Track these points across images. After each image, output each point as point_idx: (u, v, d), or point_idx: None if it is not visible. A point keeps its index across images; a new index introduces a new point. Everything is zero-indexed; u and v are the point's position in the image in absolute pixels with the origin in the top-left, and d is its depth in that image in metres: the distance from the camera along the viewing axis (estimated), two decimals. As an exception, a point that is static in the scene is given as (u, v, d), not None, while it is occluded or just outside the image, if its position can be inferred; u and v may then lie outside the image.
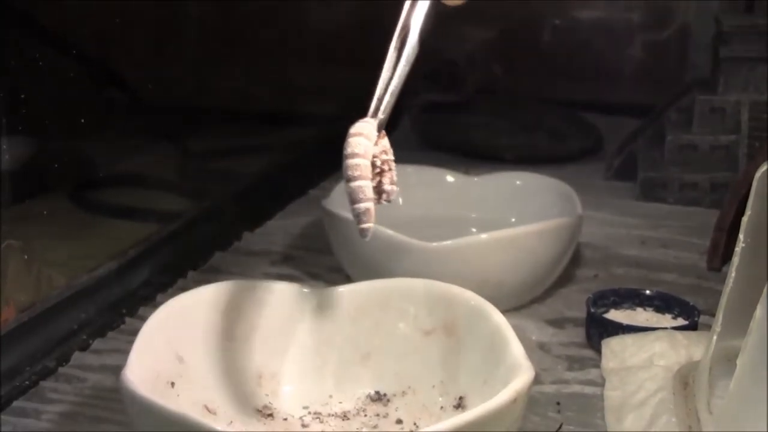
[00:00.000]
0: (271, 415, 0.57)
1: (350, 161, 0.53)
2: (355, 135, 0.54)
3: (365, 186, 0.53)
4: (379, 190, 0.54)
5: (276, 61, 1.24)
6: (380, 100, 0.56)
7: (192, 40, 1.20)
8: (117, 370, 0.51)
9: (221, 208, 0.96)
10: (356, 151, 0.53)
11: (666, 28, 1.33)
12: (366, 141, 0.53)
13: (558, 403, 0.63)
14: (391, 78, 0.57)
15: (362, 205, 0.52)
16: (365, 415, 0.58)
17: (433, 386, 0.58)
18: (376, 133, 0.54)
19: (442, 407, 0.56)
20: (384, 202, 0.54)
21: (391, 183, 0.54)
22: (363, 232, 0.53)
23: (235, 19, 1.22)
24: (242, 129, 1.19)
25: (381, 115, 0.55)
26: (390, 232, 0.72)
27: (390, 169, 0.54)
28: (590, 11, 1.34)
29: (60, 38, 0.95)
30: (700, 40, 1.21)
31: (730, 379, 0.50)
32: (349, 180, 0.53)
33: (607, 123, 1.23)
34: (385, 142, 0.55)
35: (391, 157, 0.55)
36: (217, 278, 0.79)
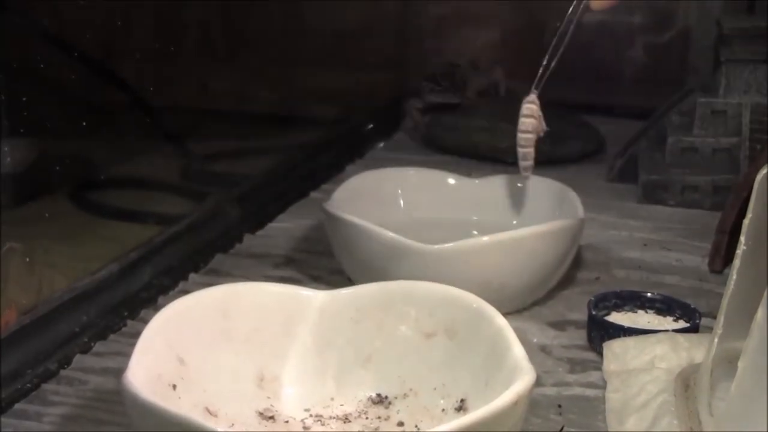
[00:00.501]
0: (272, 417, 0.57)
1: (522, 135, 0.80)
2: (527, 116, 0.80)
3: (530, 152, 0.80)
4: (537, 136, 0.80)
5: (278, 64, 1.24)
6: (540, 78, 0.79)
7: (194, 42, 1.20)
8: (118, 372, 0.51)
9: (223, 211, 0.96)
10: (528, 128, 0.80)
11: (667, 31, 1.33)
12: (534, 121, 0.80)
13: (559, 406, 0.63)
14: (549, 61, 0.80)
15: (526, 163, 0.81)
16: (366, 418, 0.58)
17: (435, 389, 0.58)
18: (534, 106, 0.80)
19: (443, 409, 0.56)
20: (541, 134, 0.80)
21: (543, 125, 0.81)
22: (525, 178, 0.83)
23: (238, 21, 1.22)
24: (244, 131, 1.19)
25: (538, 89, 0.80)
26: (391, 234, 0.72)
27: (541, 118, 0.80)
28: (592, 14, 1.34)
29: (61, 40, 0.95)
30: (702, 42, 1.21)
31: (732, 381, 0.51)
32: (521, 147, 0.80)
33: (608, 125, 1.23)
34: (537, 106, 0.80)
35: (541, 113, 0.80)
36: (219, 280, 0.79)
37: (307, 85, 1.27)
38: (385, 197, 0.87)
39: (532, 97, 0.80)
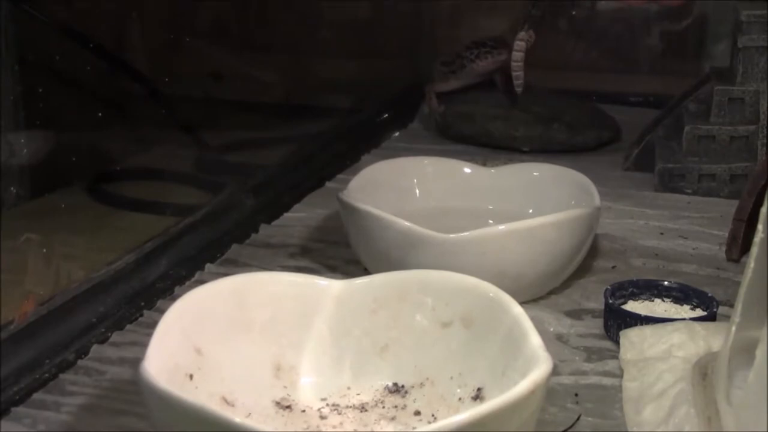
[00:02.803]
0: (289, 407, 0.57)
1: (515, 64, 1.10)
2: (518, 51, 1.09)
3: (521, 74, 1.10)
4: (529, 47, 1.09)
5: (293, 54, 1.24)
6: (528, 22, 1.09)
7: (209, 32, 1.20)
8: (135, 362, 0.51)
9: (238, 201, 0.96)
10: (518, 59, 1.09)
11: (684, 18, 1.32)
12: (521, 54, 1.09)
13: (576, 395, 0.63)
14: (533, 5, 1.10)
15: (519, 81, 1.10)
16: (383, 407, 0.58)
17: (451, 378, 0.58)
18: (524, 42, 1.09)
19: (460, 399, 0.56)
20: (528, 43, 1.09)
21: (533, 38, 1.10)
22: (519, 92, 1.12)
23: (252, 11, 1.22)
24: (259, 121, 1.19)
25: (527, 26, 1.09)
26: (407, 223, 0.72)
27: (532, 38, 1.10)
28: (608, 1, 1.34)
29: (76, 31, 0.96)
30: (719, 29, 1.21)
31: (749, 369, 0.50)
32: (514, 71, 1.10)
33: (624, 114, 1.23)
34: (530, 33, 1.09)
35: (531, 36, 1.09)
36: (235, 270, 0.79)
37: (321, 74, 1.27)
38: (400, 187, 0.87)
39: (522, 34, 1.08)
